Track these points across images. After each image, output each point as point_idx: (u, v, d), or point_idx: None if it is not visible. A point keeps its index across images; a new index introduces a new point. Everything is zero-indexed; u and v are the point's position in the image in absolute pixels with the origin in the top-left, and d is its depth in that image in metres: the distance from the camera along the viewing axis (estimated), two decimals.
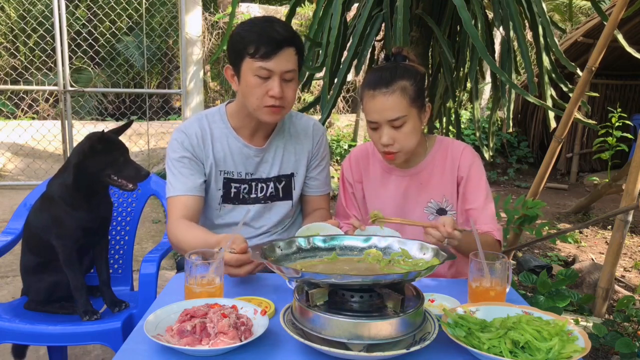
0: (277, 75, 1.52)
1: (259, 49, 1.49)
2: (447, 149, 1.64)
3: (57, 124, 5.43)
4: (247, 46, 1.51)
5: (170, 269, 3.39)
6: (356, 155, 1.76)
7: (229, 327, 1.04)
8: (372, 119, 1.52)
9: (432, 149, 1.65)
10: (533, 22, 2.43)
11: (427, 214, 1.65)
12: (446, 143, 1.66)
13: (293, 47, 1.54)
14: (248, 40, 1.51)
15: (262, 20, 1.55)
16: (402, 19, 2.15)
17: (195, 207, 1.63)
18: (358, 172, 1.73)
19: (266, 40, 1.49)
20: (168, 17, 8.82)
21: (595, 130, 3.36)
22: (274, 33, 1.50)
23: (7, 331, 1.63)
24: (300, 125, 1.77)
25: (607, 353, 2.44)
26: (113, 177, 1.65)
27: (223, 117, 1.69)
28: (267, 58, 1.50)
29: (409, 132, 1.51)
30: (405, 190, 1.66)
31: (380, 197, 1.69)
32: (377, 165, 1.71)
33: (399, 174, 1.67)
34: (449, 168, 1.63)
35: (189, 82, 5.40)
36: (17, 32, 8.93)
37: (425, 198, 1.65)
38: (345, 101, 8.15)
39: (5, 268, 3.25)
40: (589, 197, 5.11)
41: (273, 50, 1.49)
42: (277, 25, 1.53)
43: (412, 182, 1.65)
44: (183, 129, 1.67)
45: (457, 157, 1.62)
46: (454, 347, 1.05)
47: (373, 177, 1.71)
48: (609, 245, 2.90)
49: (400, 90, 1.48)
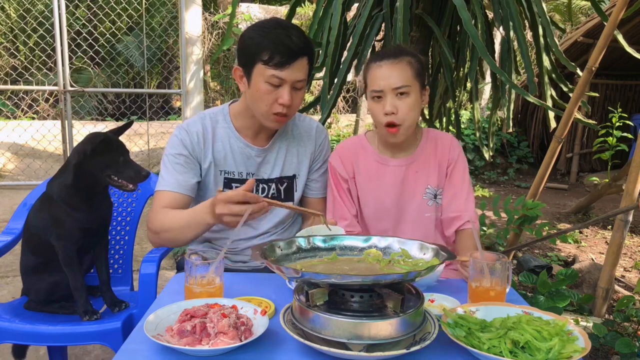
0: (288, 84, 1.51)
1: (273, 57, 1.47)
2: (435, 138, 1.73)
3: (57, 124, 5.43)
4: (261, 52, 1.48)
5: (170, 269, 3.39)
6: (345, 150, 1.74)
7: (229, 327, 1.04)
8: (377, 87, 1.57)
9: (422, 138, 1.73)
10: (533, 22, 2.43)
11: (427, 199, 1.70)
12: (433, 132, 1.76)
13: (307, 56, 1.52)
14: (263, 46, 1.48)
15: (278, 26, 1.51)
16: (402, 19, 2.15)
17: (182, 206, 1.60)
18: (350, 167, 1.72)
19: (282, 49, 1.46)
20: (168, 17, 8.82)
21: (595, 130, 3.36)
22: (291, 42, 1.47)
23: (7, 331, 1.63)
24: (303, 127, 1.77)
25: (607, 353, 2.44)
26: (113, 178, 1.65)
27: (226, 117, 1.69)
28: (281, 67, 1.48)
29: (411, 104, 1.57)
30: (404, 179, 1.69)
31: (378, 189, 1.70)
32: (370, 159, 1.72)
33: (395, 164, 1.69)
34: (440, 155, 1.71)
35: (189, 82, 5.40)
36: (17, 32, 8.93)
37: (422, 185, 1.70)
38: (345, 101, 8.15)
39: (5, 268, 3.25)
40: (589, 197, 5.11)
41: (288, 60, 1.47)
42: (293, 34, 1.49)
43: (408, 170, 1.69)
44: (185, 126, 1.67)
45: (447, 145, 1.72)
46: (454, 347, 1.05)
47: (366, 170, 1.71)
48: (609, 245, 2.90)
49: (406, 62, 1.57)
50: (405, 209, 1.70)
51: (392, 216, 1.70)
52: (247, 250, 1.72)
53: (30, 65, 7.95)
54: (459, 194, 1.69)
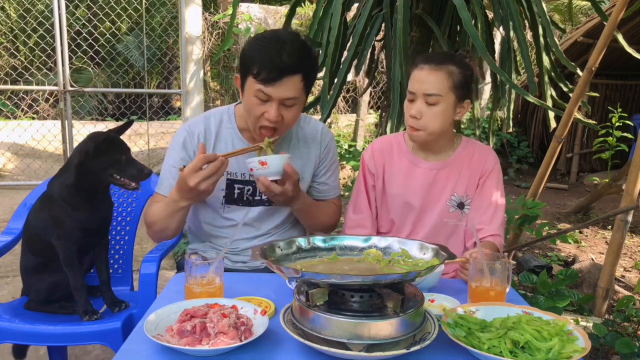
0: (275, 101, 1.49)
1: (260, 73, 1.45)
2: (473, 147, 1.73)
3: (57, 124, 5.42)
4: (252, 66, 1.47)
5: (170, 269, 3.39)
6: (379, 146, 1.79)
7: (229, 327, 1.04)
8: (411, 88, 1.61)
9: (459, 145, 1.73)
10: (533, 22, 2.43)
11: (449, 205, 1.71)
12: (472, 142, 1.75)
13: (299, 74, 1.48)
14: (254, 60, 1.46)
15: (273, 41, 1.47)
16: (402, 19, 2.16)
17: None
18: (381, 163, 1.76)
19: (269, 66, 1.44)
20: (168, 17, 8.81)
21: (595, 130, 3.36)
22: (279, 60, 1.44)
23: (7, 331, 1.63)
24: (308, 130, 1.76)
25: (607, 353, 2.44)
26: (116, 177, 1.65)
27: (231, 118, 1.69)
28: (267, 83, 1.46)
29: (438, 112, 1.58)
30: (433, 182, 1.71)
31: (405, 187, 1.73)
32: (403, 157, 1.75)
33: (426, 167, 1.72)
34: (475, 165, 1.71)
35: (189, 82, 5.40)
36: (17, 32, 8.92)
37: (449, 191, 1.71)
38: (345, 101, 8.15)
39: (5, 268, 3.25)
40: (589, 197, 5.11)
41: (275, 77, 1.45)
42: (286, 50, 1.44)
43: (439, 174, 1.71)
44: (187, 127, 1.68)
45: (484, 156, 1.72)
46: (454, 347, 1.05)
47: (398, 168, 1.75)
48: (609, 245, 2.90)
49: (446, 72, 1.57)
50: (427, 211, 1.72)
51: (414, 214, 1.73)
52: (248, 250, 1.72)
53: (30, 65, 7.95)
54: (487, 207, 1.68)
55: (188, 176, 1.40)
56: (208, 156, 1.41)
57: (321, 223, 1.79)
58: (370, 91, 7.51)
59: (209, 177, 1.41)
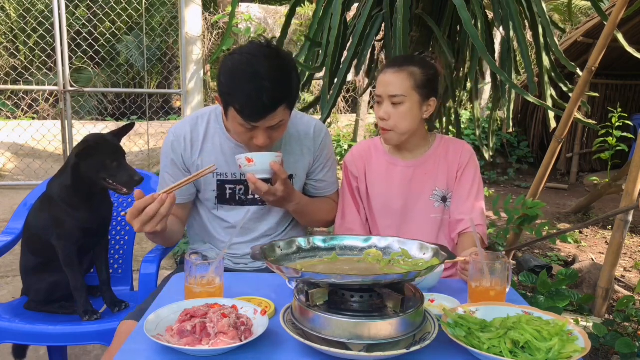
0: (262, 129, 1.46)
1: (242, 112, 1.41)
2: (448, 143, 1.79)
3: (57, 124, 5.43)
4: (233, 102, 1.41)
5: (170, 269, 3.39)
6: (359, 150, 1.84)
7: (229, 327, 1.04)
8: (378, 92, 1.68)
9: (434, 143, 1.79)
10: (533, 22, 2.43)
11: (433, 201, 1.74)
12: (447, 139, 1.81)
13: (284, 104, 1.43)
14: (234, 97, 1.41)
15: (251, 79, 1.39)
16: (402, 19, 2.16)
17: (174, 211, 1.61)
18: (362, 166, 1.80)
19: (250, 106, 1.40)
20: (168, 17, 8.82)
21: (595, 130, 3.36)
22: (260, 102, 1.38)
23: (7, 331, 1.63)
24: (301, 126, 1.72)
25: (607, 353, 2.44)
26: (108, 181, 1.64)
27: (218, 118, 1.66)
28: (252, 119, 1.42)
29: (404, 112, 1.64)
30: (412, 179, 1.75)
31: (386, 187, 1.76)
32: (381, 159, 1.79)
33: (404, 165, 1.76)
34: (452, 158, 1.76)
35: (189, 82, 5.40)
36: (17, 32, 8.93)
37: (430, 186, 1.75)
38: (345, 101, 8.15)
39: (5, 268, 3.25)
40: (589, 197, 5.11)
41: (259, 115, 1.41)
42: (266, 90, 1.37)
43: (417, 172, 1.75)
44: (173, 130, 1.66)
45: (459, 150, 1.77)
46: (454, 347, 1.05)
47: (377, 169, 1.78)
48: (609, 245, 2.90)
49: (407, 73, 1.63)
50: (411, 208, 1.75)
51: (398, 214, 1.75)
52: (248, 256, 1.72)
53: (30, 65, 7.95)
54: (466, 197, 1.72)
55: (131, 222, 1.33)
56: (146, 199, 1.31)
57: (319, 220, 1.81)
58: (370, 91, 7.50)
59: (151, 220, 1.32)
